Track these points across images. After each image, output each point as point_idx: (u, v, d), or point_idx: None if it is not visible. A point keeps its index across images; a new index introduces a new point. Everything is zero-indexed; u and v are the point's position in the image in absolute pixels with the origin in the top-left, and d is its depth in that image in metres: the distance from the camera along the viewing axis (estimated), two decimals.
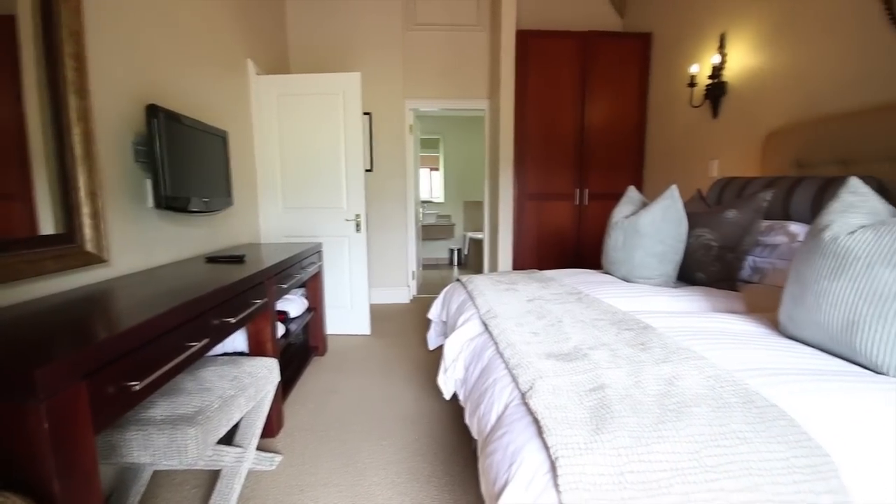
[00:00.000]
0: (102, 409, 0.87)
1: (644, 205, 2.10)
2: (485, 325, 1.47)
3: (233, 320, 1.45)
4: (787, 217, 1.98)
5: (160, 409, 1.25)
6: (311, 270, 2.63)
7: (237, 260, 2.00)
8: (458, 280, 2.23)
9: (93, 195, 1.44)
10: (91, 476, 0.84)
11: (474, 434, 1.14)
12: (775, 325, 1.30)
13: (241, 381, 1.47)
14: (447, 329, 1.99)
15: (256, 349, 1.89)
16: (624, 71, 3.71)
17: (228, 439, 1.58)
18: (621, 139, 3.80)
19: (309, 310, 2.75)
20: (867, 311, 0.98)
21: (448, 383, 1.53)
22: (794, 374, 0.96)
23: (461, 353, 1.48)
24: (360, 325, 3.30)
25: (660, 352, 1.07)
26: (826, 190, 1.82)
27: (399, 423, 2.02)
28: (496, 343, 1.27)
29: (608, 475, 0.69)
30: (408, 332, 3.38)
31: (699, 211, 2.02)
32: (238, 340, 1.95)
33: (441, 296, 2.25)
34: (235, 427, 1.61)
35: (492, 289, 1.84)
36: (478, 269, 5.80)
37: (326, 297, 3.11)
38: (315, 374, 2.58)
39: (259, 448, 1.72)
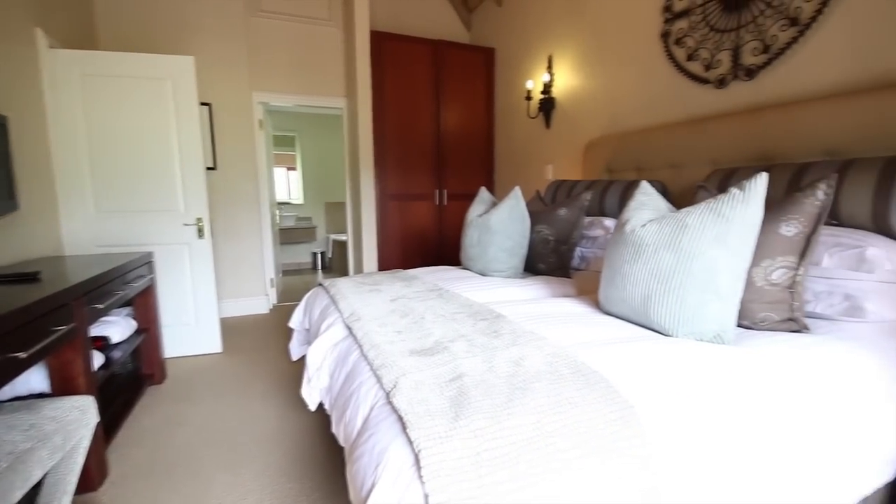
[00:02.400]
0: None
1: (494, 204, 2.30)
2: (349, 328, 1.44)
3: (22, 355, 1.15)
4: (603, 213, 2.37)
5: None
6: (140, 285, 2.24)
7: (28, 278, 1.58)
8: (320, 285, 2.14)
9: None
10: None
11: (341, 442, 1.11)
12: (597, 304, 1.55)
13: (42, 429, 1.18)
14: (310, 337, 1.89)
15: (63, 387, 1.53)
16: (473, 80, 4.01)
17: (29, 503, 1.25)
18: (474, 143, 4.10)
19: (139, 332, 2.34)
20: (656, 287, 1.23)
21: (313, 393, 1.45)
22: (609, 343, 1.16)
23: (325, 360, 1.42)
24: (208, 342, 2.93)
25: (509, 337, 1.18)
26: (628, 191, 2.23)
27: (260, 445, 1.85)
28: (360, 346, 1.25)
29: (467, 457, 0.74)
30: (267, 344, 3.12)
31: (538, 210, 2.29)
32: (35, 379, 1.56)
33: (303, 302, 2.14)
34: (38, 486, 1.29)
35: (355, 291, 1.81)
36: (343, 272, 5.64)
37: (163, 315, 2.68)
38: (152, 406, 2.21)
39: None
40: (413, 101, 3.80)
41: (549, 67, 3.25)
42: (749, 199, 1.13)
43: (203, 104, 3.50)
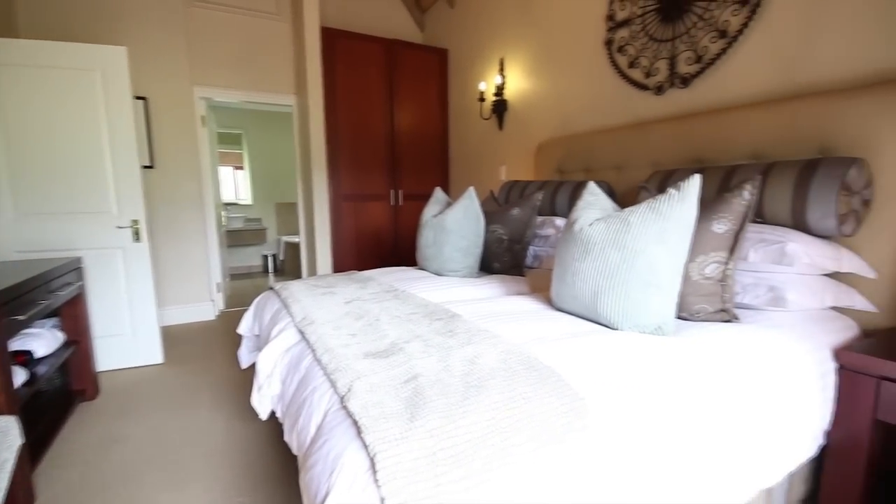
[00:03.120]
0: None
1: (449, 205, 2.31)
2: (301, 332, 1.40)
3: None
4: (554, 213, 2.45)
5: None
6: (67, 293, 2.06)
7: None
8: (271, 289, 2.06)
9: None
10: None
11: (295, 450, 1.08)
12: (549, 301, 1.60)
13: None
14: (261, 343, 1.82)
15: None
16: (426, 81, 4.01)
17: None
18: (429, 143, 4.10)
19: (67, 344, 2.15)
20: (604, 283, 1.29)
21: (264, 402, 1.40)
22: (561, 338, 1.20)
23: (276, 367, 1.38)
24: (148, 353, 2.74)
25: (464, 336, 1.19)
26: (577, 191, 2.32)
27: (207, 459, 1.76)
28: (313, 350, 1.22)
29: (423, 458, 0.74)
30: (214, 352, 2.97)
31: (493, 210, 2.33)
32: None
33: (252, 307, 2.05)
34: None
35: (308, 294, 1.76)
36: (296, 275, 5.47)
37: (96, 326, 2.49)
38: (85, 424, 2.04)
39: None
40: (366, 101, 3.75)
41: (501, 70, 3.31)
42: (685, 199, 1.21)
43: (138, 98, 3.27)
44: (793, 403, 1.18)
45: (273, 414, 1.42)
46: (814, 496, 1.39)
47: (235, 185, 6.65)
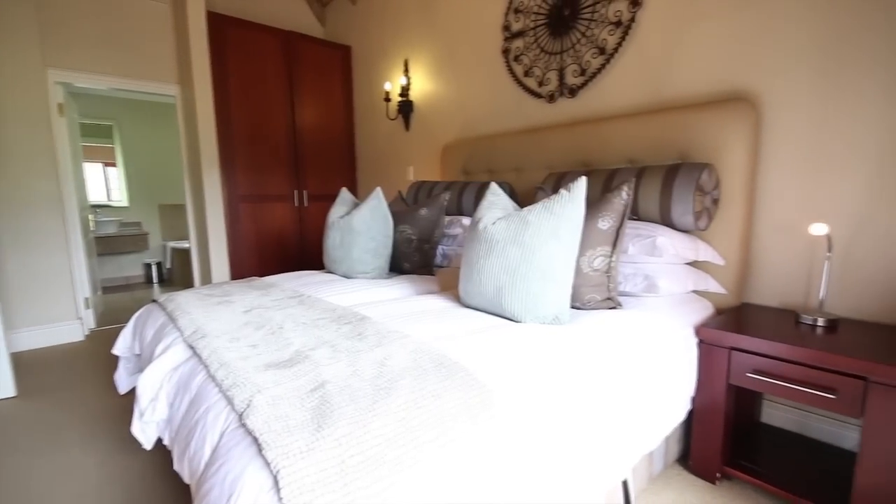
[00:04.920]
0: None
1: (356, 205, 2.26)
2: (192, 348, 1.26)
3: None
4: (461, 212, 2.52)
5: None
6: None
7: None
8: (154, 301, 1.84)
9: None
10: None
11: (186, 479, 0.97)
12: (458, 299, 1.64)
13: None
14: (143, 364, 1.62)
15: None
16: (329, 77, 3.87)
17: None
18: (335, 142, 3.97)
19: None
20: (506, 279, 1.36)
21: (148, 429, 1.24)
22: (468, 334, 1.24)
23: (162, 388, 1.23)
24: None
25: (374, 338, 1.18)
26: (481, 191, 2.41)
27: (81, 500, 1.51)
28: (207, 366, 1.11)
29: (331, 468, 0.71)
30: (84, 378, 2.56)
31: (401, 210, 2.33)
32: None
33: (131, 323, 1.81)
34: None
35: (199, 305, 1.60)
36: (186, 285, 4.95)
37: None
38: None
39: None
40: (264, 95, 3.51)
41: (406, 71, 3.32)
42: (574, 199, 1.32)
43: None
44: (667, 375, 1.36)
45: (160, 442, 1.27)
46: (686, 454, 1.62)
47: (107, 184, 5.80)
